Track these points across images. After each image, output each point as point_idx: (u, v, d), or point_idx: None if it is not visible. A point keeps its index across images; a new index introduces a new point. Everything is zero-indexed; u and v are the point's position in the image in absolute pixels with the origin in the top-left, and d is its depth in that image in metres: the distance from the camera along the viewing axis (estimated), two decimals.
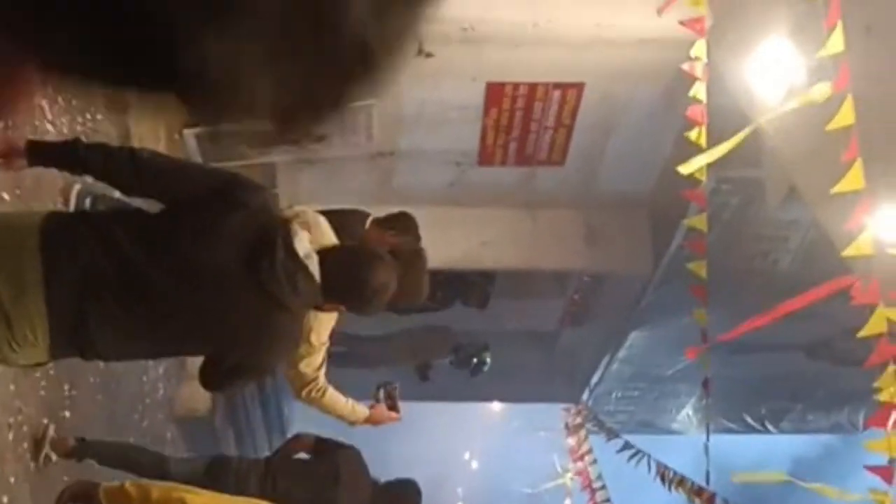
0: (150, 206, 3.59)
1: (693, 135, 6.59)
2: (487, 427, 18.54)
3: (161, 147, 7.80)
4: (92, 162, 3.45)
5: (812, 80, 5.64)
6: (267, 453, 8.21)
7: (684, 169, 6.54)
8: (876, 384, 5.06)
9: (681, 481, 8.01)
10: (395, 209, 6.61)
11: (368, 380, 6.26)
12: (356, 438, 6.18)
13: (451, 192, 10.20)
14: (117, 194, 4.58)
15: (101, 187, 5.45)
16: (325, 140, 8.80)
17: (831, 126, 4.88)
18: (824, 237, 6.68)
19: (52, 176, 5.81)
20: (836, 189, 4.88)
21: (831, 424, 14.95)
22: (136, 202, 3.91)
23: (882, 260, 4.97)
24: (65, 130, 6.06)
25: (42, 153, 3.51)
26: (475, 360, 11.60)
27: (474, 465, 21.88)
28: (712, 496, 7.02)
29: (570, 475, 14.48)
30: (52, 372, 5.75)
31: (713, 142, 6.61)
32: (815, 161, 5.83)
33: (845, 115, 4.81)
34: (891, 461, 4.93)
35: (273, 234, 3.35)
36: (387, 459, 7.27)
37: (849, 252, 4.96)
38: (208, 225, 3.34)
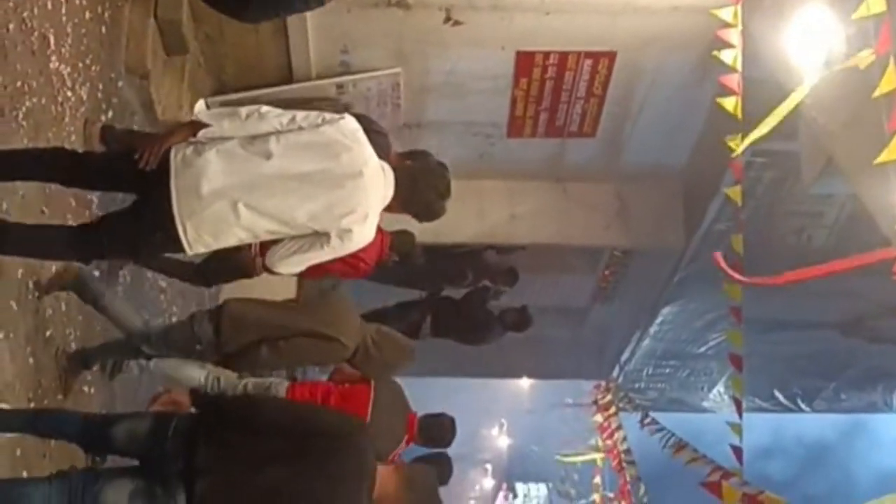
0: None
1: (728, 104, 6.39)
2: (517, 403, 18.44)
3: (184, 116, 7.69)
4: None
5: (851, 49, 5.44)
6: None
7: (733, 144, 6.37)
8: None
9: (695, 458, 7.84)
10: None
11: None
12: None
13: (480, 164, 10.04)
14: None
15: None
16: (352, 108, 8.67)
17: (877, 93, 4.67)
18: (862, 212, 6.48)
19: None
20: (881, 159, 4.68)
21: (865, 403, 14.75)
22: None
23: None
24: (84, 98, 5.94)
25: None
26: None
27: (503, 441, 21.82)
28: (728, 474, 6.84)
29: (599, 452, 14.37)
30: None
31: (748, 113, 6.43)
32: (855, 131, 5.63)
33: (889, 81, 4.61)
34: None
35: None
36: None
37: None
38: None
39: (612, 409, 13.71)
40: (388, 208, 4.69)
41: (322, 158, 4.35)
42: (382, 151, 6.27)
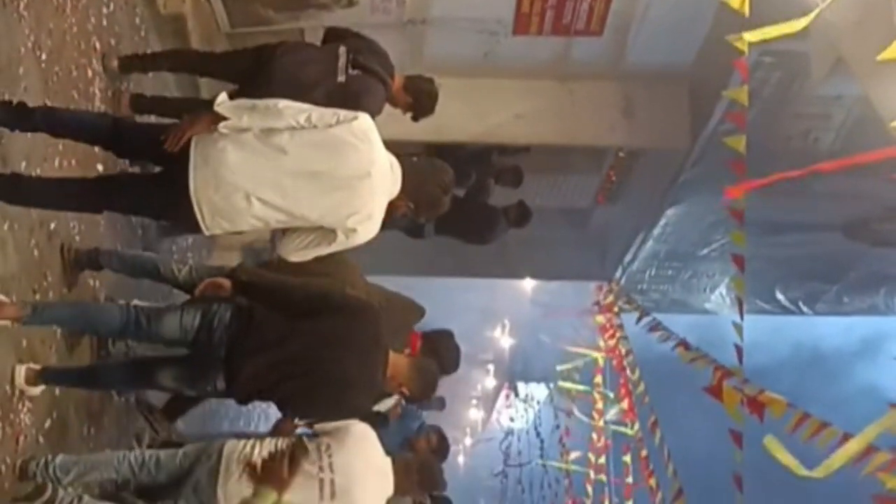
0: None
1: (733, 1, 6.28)
2: (519, 303, 18.55)
3: (187, 10, 7.61)
4: None
5: None
6: None
7: (739, 44, 6.26)
8: None
9: (696, 357, 7.85)
10: None
11: None
12: None
13: (485, 62, 9.96)
14: None
15: None
16: (356, 5, 8.58)
17: None
18: (869, 114, 6.44)
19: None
20: (884, 56, 4.62)
21: (867, 306, 14.80)
22: None
23: None
24: None
25: None
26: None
27: (506, 341, 22.00)
28: (728, 373, 6.86)
29: (600, 352, 14.47)
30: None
31: (756, 10, 6.33)
32: (866, 30, 5.57)
33: None
34: None
35: None
36: None
37: None
38: None
39: (615, 310, 13.75)
40: (394, 202, 4.94)
41: (331, 158, 4.62)
42: (386, 72, 6.42)
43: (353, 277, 6.07)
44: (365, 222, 4.73)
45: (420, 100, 6.78)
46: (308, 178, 4.59)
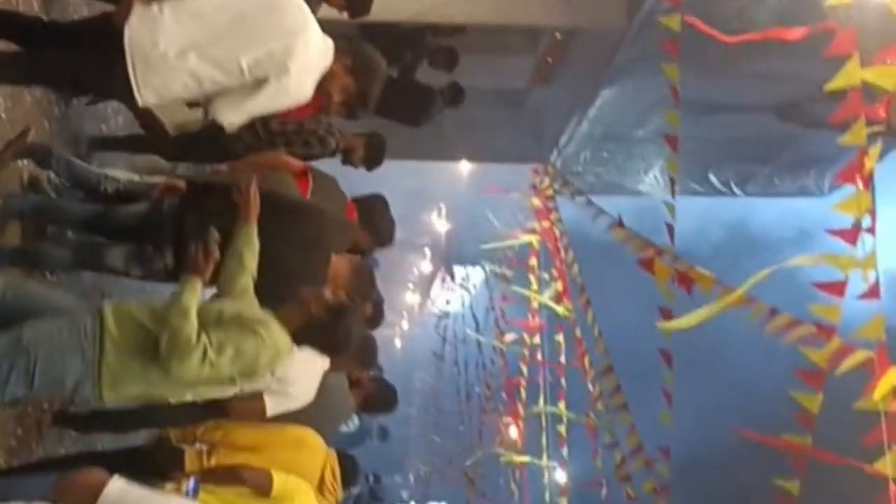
0: None
1: None
2: (455, 186, 18.51)
3: None
4: None
5: None
6: None
7: None
8: (842, 140, 4.84)
9: (629, 238, 7.90)
10: None
11: None
12: None
13: None
14: None
15: None
16: None
17: None
18: None
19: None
20: None
21: (798, 187, 15.00)
22: None
23: (863, 12, 4.75)
24: None
25: None
26: None
27: (441, 224, 22.02)
28: (660, 251, 6.92)
29: (535, 235, 14.53)
30: None
31: None
32: None
33: None
34: (856, 223, 4.77)
35: None
36: None
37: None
38: None
39: (550, 193, 13.79)
40: (329, 71, 5.25)
41: (267, 13, 4.86)
42: None
43: (288, 185, 6.02)
44: (298, 68, 4.90)
45: (354, 2, 6.95)
46: (245, 31, 4.78)
